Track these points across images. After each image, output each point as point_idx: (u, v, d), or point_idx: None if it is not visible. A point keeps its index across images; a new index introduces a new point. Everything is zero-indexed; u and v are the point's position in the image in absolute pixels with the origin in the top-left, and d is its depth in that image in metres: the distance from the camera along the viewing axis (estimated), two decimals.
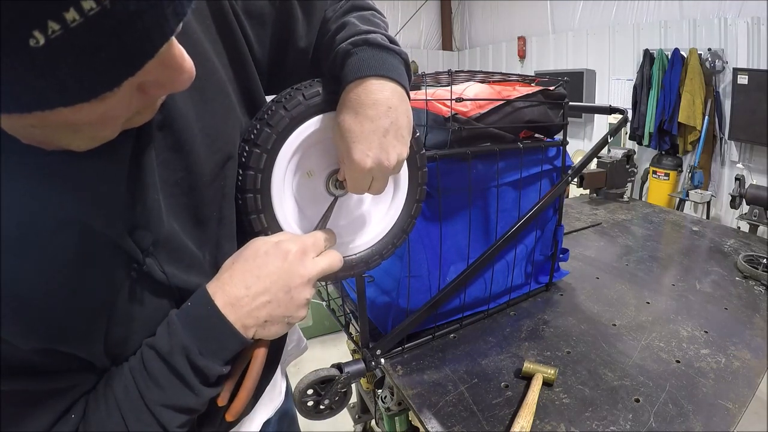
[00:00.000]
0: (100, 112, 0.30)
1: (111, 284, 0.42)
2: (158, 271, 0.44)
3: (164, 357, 0.44)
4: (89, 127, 0.32)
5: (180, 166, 0.46)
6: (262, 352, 0.52)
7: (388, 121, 0.50)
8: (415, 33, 6.61)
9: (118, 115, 0.33)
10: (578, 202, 2.07)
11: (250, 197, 0.52)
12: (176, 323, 0.45)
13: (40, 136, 0.33)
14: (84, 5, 0.23)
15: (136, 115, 0.37)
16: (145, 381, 0.43)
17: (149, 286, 0.45)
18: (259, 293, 0.47)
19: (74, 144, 0.34)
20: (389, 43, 0.52)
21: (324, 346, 2.60)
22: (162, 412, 0.43)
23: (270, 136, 0.51)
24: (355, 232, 0.62)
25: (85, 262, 0.39)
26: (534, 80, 1.02)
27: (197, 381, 0.45)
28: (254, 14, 0.54)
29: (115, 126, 0.35)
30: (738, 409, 0.76)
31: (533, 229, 1.07)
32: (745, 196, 2.69)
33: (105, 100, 0.29)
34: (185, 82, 0.34)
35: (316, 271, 0.50)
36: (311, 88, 0.53)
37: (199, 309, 0.46)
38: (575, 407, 0.77)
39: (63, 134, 0.33)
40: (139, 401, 0.43)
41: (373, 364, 0.87)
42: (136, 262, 0.42)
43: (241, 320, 0.46)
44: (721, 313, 1.08)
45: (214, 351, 0.45)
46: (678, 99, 3.60)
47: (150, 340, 0.45)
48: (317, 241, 0.53)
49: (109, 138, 0.35)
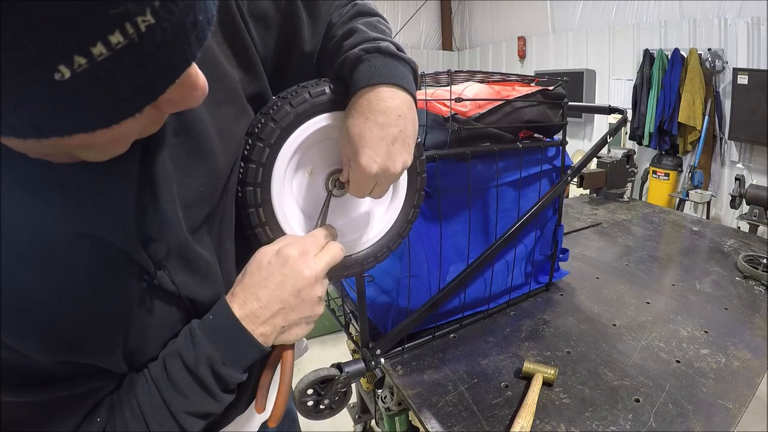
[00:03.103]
0: (116, 132, 0.30)
1: (124, 295, 0.42)
2: (169, 283, 0.45)
3: (190, 368, 0.45)
4: (101, 149, 0.33)
5: (201, 170, 0.47)
6: (290, 356, 0.54)
7: (396, 130, 0.51)
8: (415, 33, 6.60)
9: (132, 133, 0.34)
10: (578, 202, 2.06)
11: (251, 190, 0.52)
12: (199, 335, 0.47)
13: (51, 154, 0.33)
14: (112, 40, 0.23)
15: (145, 129, 0.37)
16: (169, 390, 0.45)
17: (160, 296, 0.46)
18: (270, 302, 0.48)
19: (87, 157, 0.35)
20: (400, 52, 0.53)
21: (324, 346, 2.60)
22: (186, 419, 0.46)
23: (274, 130, 0.51)
24: (351, 234, 0.62)
25: (98, 274, 0.40)
26: (533, 80, 1.02)
27: (219, 389, 0.47)
28: (259, 16, 0.54)
29: (128, 142, 0.35)
30: (738, 409, 0.76)
31: (533, 229, 1.07)
32: (745, 196, 2.69)
33: (123, 123, 0.29)
34: (199, 99, 0.34)
35: (320, 268, 0.51)
36: (317, 87, 0.53)
37: (220, 321, 0.48)
38: (575, 407, 0.77)
39: (77, 152, 0.33)
40: (163, 409, 0.45)
41: (372, 363, 0.87)
42: (147, 274, 0.43)
43: (259, 330, 0.48)
44: (721, 313, 1.08)
45: (236, 360, 0.47)
46: (678, 99, 3.60)
47: (174, 350, 0.47)
48: (316, 239, 0.53)
49: (120, 152, 0.36)
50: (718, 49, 3.48)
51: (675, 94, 3.62)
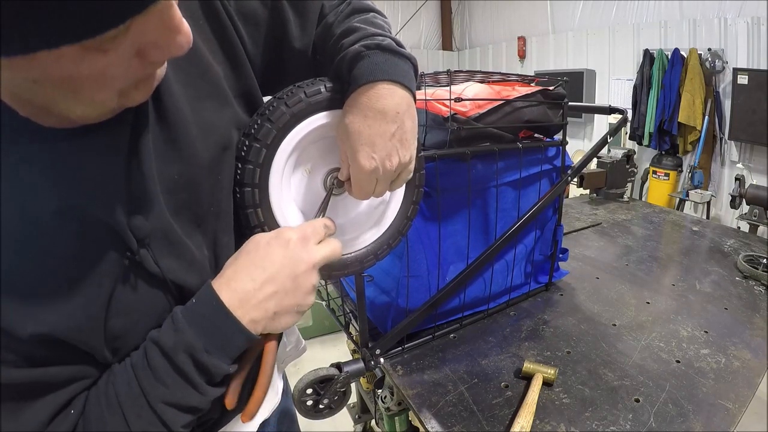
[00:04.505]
0: (101, 66, 0.31)
1: (106, 272, 0.42)
2: (152, 263, 0.44)
3: (168, 353, 0.43)
4: (89, 87, 0.33)
5: (176, 157, 0.47)
6: (273, 346, 0.51)
7: (395, 126, 0.51)
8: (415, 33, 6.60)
9: (117, 76, 0.34)
10: (578, 202, 2.06)
11: (248, 191, 0.52)
12: (181, 320, 0.44)
13: (40, 97, 0.33)
14: None
15: (133, 90, 0.37)
16: (148, 378, 0.43)
17: (144, 277, 0.45)
18: (265, 283, 0.47)
19: (72, 110, 0.35)
20: (400, 48, 0.53)
21: (324, 346, 2.60)
22: (165, 410, 0.43)
23: (270, 131, 0.51)
24: (351, 232, 0.62)
25: (81, 249, 0.40)
26: (533, 80, 1.02)
27: (202, 379, 0.44)
28: (247, 15, 0.55)
29: (113, 90, 0.35)
30: (738, 409, 0.76)
31: (533, 229, 1.07)
32: (745, 196, 2.69)
33: (106, 54, 0.30)
34: (183, 45, 0.35)
35: (319, 257, 0.51)
36: (313, 86, 0.53)
37: (204, 306, 0.46)
38: (575, 407, 0.77)
39: (63, 96, 0.33)
40: (141, 398, 0.43)
41: (372, 363, 0.87)
42: (129, 251, 0.42)
43: (249, 314, 0.46)
44: (721, 313, 1.08)
45: (221, 348, 0.45)
46: (678, 99, 3.60)
47: (155, 336, 0.45)
48: (316, 228, 0.53)
49: (107, 106, 0.36)
50: (718, 49, 3.48)
51: (675, 94, 3.62)
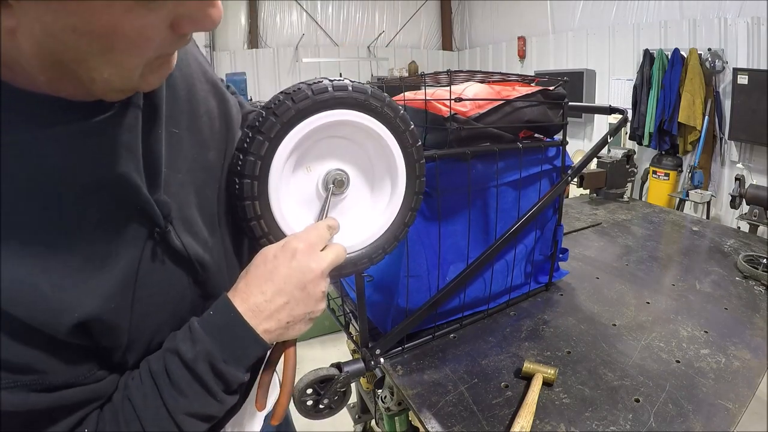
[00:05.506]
0: (141, 25, 0.32)
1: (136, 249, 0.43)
2: (176, 239, 0.46)
3: (188, 364, 0.44)
4: (124, 46, 0.33)
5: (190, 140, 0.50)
6: (292, 352, 0.54)
7: None
8: (415, 33, 6.61)
9: (151, 40, 0.35)
10: (578, 202, 2.06)
11: (248, 182, 0.52)
12: (198, 330, 0.45)
13: (72, 51, 0.32)
14: None
15: (150, 73, 0.38)
16: (168, 389, 0.44)
17: (169, 253, 0.46)
18: (275, 295, 0.48)
19: (100, 71, 0.35)
20: None
21: (324, 346, 2.60)
22: (185, 420, 0.44)
23: (274, 124, 0.51)
24: (350, 232, 0.62)
25: (116, 225, 0.41)
26: (533, 80, 1.02)
27: (220, 388, 0.45)
28: None
29: (143, 57, 0.36)
30: (738, 409, 0.76)
31: (533, 229, 1.07)
32: (745, 196, 2.69)
33: (149, 14, 0.32)
34: (215, 19, 0.36)
35: (326, 263, 0.52)
36: (319, 84, 0.54)
37: (221, 317, 0.47)
38: (575, 407, 0.77)
39: (97, 52, 0.33)
40: (161, 409, 0.43)
41: (372, 363, 0.87)
42: (158, 227, 0.44)
43: (262, 325, 0.47)
44: (721, 313, 1.08)
45: (238, 358, 0.46)
46: (678, 99, 3.60)
47: (173, 346, 0.45)
48: (321, 233, 0.53)
49: (131, 77, 0.37)
50: (718, 49, 3.48)
51: (675, 94, 3.62)
